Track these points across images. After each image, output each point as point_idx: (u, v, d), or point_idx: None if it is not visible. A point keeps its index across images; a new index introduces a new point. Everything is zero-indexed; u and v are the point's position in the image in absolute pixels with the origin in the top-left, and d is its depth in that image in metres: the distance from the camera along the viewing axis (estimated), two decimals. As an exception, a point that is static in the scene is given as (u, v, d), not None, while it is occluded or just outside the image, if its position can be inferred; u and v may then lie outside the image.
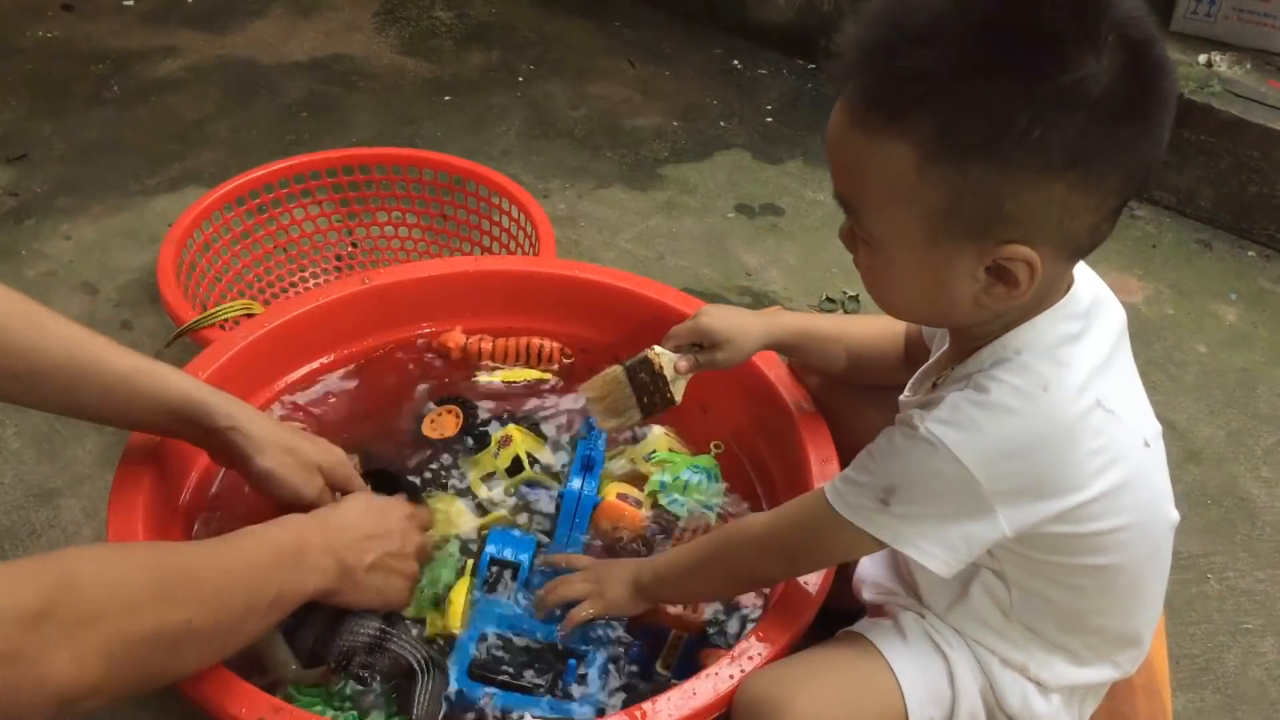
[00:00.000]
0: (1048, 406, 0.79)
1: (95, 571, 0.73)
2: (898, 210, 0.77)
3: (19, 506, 1.40)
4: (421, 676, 0.93)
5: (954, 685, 0.91)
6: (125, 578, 0.74)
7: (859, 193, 0.79)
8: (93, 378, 0.93)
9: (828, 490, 0.86)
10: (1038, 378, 0.79)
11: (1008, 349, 0.82)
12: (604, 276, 1.34)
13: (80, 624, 0.69)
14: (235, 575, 0.83)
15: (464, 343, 1.32)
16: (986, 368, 0.81)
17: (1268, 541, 1.50)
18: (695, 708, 0.87)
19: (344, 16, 2.67)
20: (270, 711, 0.84)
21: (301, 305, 1.26)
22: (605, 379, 1.11)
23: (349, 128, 2.26)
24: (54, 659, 0.68)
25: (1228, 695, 1.31)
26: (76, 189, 2.01)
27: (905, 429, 0.81)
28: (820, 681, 0.88)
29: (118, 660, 0.72)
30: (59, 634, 0.68)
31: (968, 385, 0.81)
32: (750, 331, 1.11)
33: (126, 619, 0.72)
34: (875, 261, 0.81)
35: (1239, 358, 1.82)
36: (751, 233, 2.02)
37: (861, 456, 0.86)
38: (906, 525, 0.82)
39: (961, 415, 0.79)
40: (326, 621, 0.94)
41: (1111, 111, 0.71)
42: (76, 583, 0.70)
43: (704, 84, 2.49)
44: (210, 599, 0.79)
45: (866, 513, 0.83)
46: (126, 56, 2.44)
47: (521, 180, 1.87)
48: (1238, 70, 2.19)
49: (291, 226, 1.70)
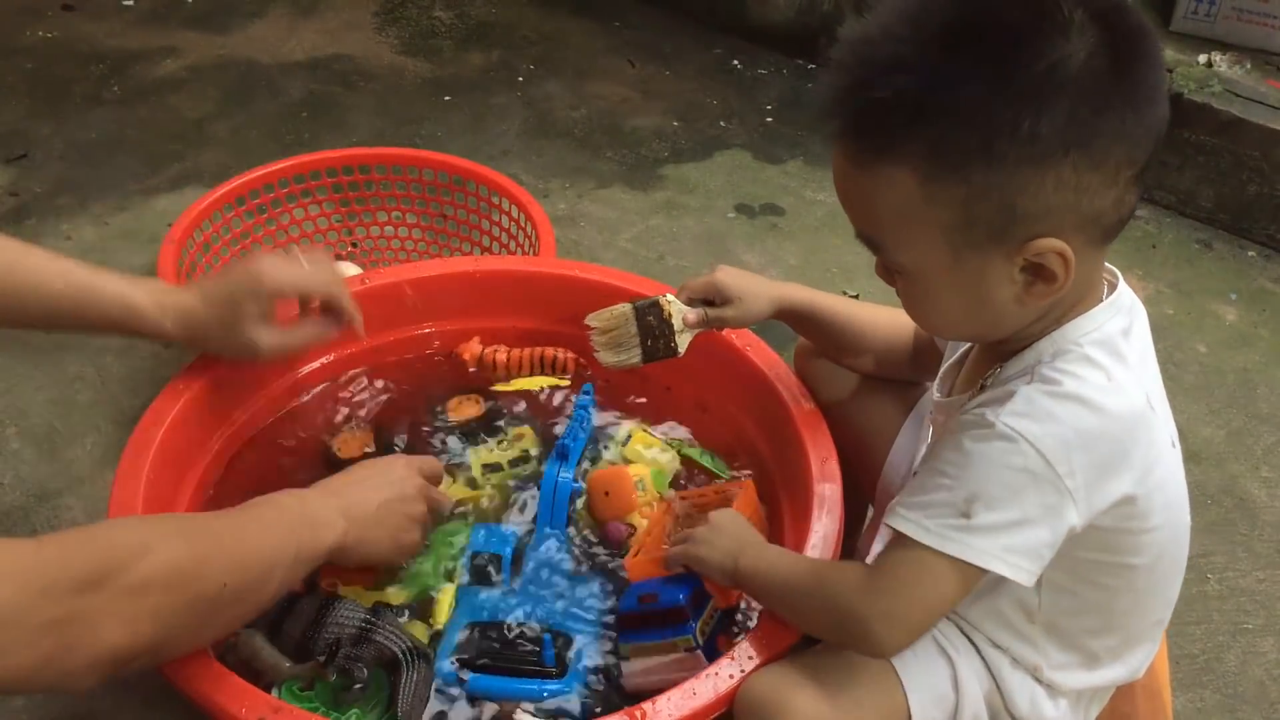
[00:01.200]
0: (1114, 399, 0.80)
1: (139, 542, 0.77)
2: (915, 235, 0.77)
3: (19, 506, 1.40)
4: (406, 668, 0.94)
5: (957, 688, 0.91)
6: (166, 546, 0.79)
7: (875, 228, 0.80)
8: (34, 299, 0.98)
9: (896, 522, 0.82)
10: (1101, 369, 0.80)
11: (1066, 340, 0.82)
12: (604, 276, 1.34)
13: (130, 591, 0.75)
14: (257, 538, 0.88)
15: (480, 353, 1.32)
16: (1047, 360, 0.81)
17: (1268, 541, 1.50)
18: (695, 708, 0.87)
19: (344, 16, 2.67)
20: (270, 711, 0.84)
21: (301, 305, 1.26)
22: (613, 313, 1.12)
23: (349, 128, 2.26)
24: (107, 623, 0.73)
25: (1228, 695, 1.31)
26: (76, 189, 2.01)
27: (975, 430, 0.80)
28: (823, 681, 0.88)
29: (164, 623, 0.77)
30: (109, 601, 0.73)
31: (1032, 379, 0.80)
32: (761, 295, 1.11)
33: (171, 586, 0.78)
34: (913, 290, 0.82)
35: (1239, 358, 1.82)
36: (751, 233, 2.02)
37: (925, 477, 0.83)
38: (990, 538, 0.79)
39: (1036, 407, 0.78)
40: (313, 612, 0.95)
41: (1096, 86, 0.71)
42: (122, 553, 0.75)
43: (704, 84, 2.49)
44: (239, 564, 0.85)
45: (950, 534, 0.79)
46: (126, 56, 2.44)
47: (521, 180, 1.87)
48: (1238, 70, 2.19)
49: (291, 226, 1.70)
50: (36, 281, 0.97)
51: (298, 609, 0.95)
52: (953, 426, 0.83)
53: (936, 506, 0.80)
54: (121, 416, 1.51)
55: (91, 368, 1.59)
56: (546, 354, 1.32)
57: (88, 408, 1.53)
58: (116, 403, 1.53)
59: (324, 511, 0.95)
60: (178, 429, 1.09)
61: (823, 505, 1.04)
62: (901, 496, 0.84)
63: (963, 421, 0.82)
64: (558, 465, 1.16)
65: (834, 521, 1.02)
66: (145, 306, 1.01)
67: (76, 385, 1.57)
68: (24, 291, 0.97)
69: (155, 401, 1.09)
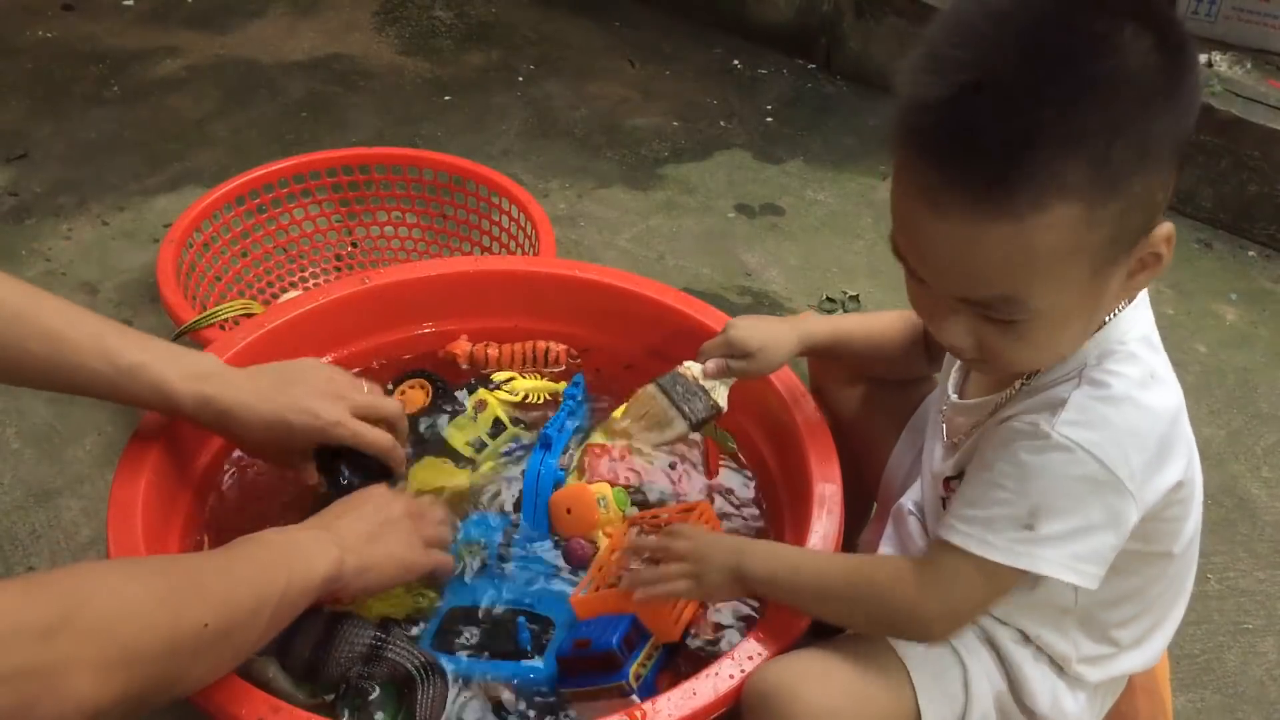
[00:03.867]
0: (1160, 393, 0.81)
1: (105, 583, 0.72)
2: (1065, 272, 0.72)
3: (19, 506, 1.40)
4: (422, 684, 0.93)
5: (967, 688, 0.91)
6: (135, 586, 0.73)
7: (1018, 282, 0.72)
8: (72, 377, 0.93)
9: (957, 538, 0.81)
10: (1146, 365, 0.81)
11: (1110, 340, 0.81)
12: (604, 276, 1.34)
13: (95, 636, 0.68)
14: (241, 574, 0.82)
15: (470, 350, 1.32)
16: (1093, 362, 0.81)
17: (1268, 541, 1.50)
18: (695, 708, 0.87)
19: (344, 16, 2.67)
20: (270, 711, 0.84)
21: (301, 305, 1.26)
22: (638, 399, 1.10)
23: (349, 128, 2.26)
24: (72, 673, 0.67)
25: (1228, 695, 1.31)
26: (76, 189, 2.01)
27: (1030, 441, 0.79)
28: (833, 674, 0.87)
29: (137, 670, 0.71)
30: (74, 647, 0.67)
31: (1080, 382, 0.80)
32: (782, 341, 1.09)
33: (142, 627, 0.71)
34: (1027, 333, 0.75)
35: (1239, 358, 1.82)
36: (751, 233, 2.02)
37: (979, 489, 0.82)
38: (1058, 548, 0.79)
39: (1091, 414, 0.78)
40: (321, 631, 0.94)
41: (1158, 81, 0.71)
42: (87, 595, 0.69)
43: (704, 84, 2.49)
44: (221, 601, 0.79)
45: (1017, 548, 0.79)
46: (126, 56, 2.44)
47: (521, 180, 1.87)
48: (1238, 70, 2.19)
49: (291, 226, 1.70)
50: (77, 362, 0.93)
51: (305, 627, 0.94)
52: (1004, 436, 0.82)
53: (999, 521, 0.80)
54: (121, 417, 1.51)
55: (91, 368, 1.59)
56: (538, 347, 1.32)
57: (88, 408, 1.53)
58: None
59: (314, 544, 0.90)
60: (179, 428, 1.08)
61: (823, 505, 1.04)
62: (957, 509, 0.83)
63: (1014, 430, 0.81)
64: (541, 455, 1.16)
65: (834, 521, 1.02)
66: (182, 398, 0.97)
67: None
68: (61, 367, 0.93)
69: (155, 401, 1.09)
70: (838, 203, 2.11)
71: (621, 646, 0.97)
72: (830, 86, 2.49)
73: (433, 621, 1.04)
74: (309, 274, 1.73)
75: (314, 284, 1.71)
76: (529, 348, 1.32)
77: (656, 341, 1.31)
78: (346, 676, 0.93)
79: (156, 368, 0.95)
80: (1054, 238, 0.69)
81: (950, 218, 0.69)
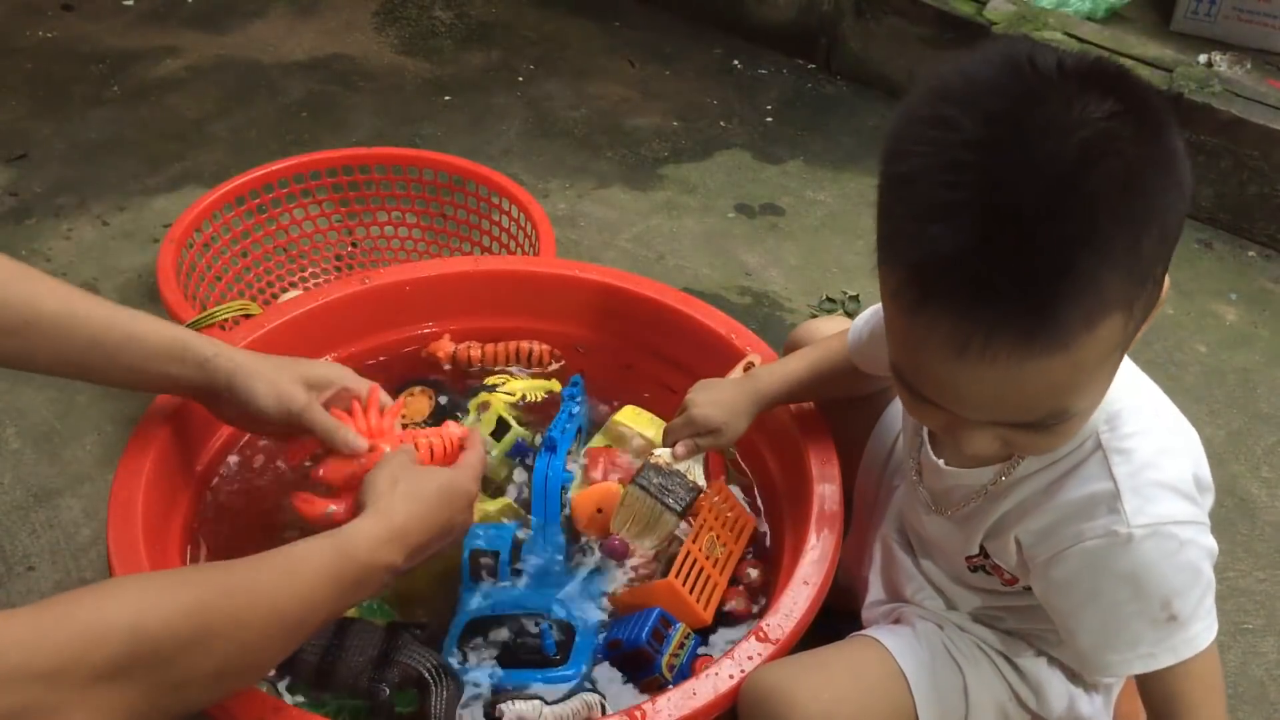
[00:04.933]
0: (1179, 425, 0.81)
1: (128, 621, 0.67)
2: (1104, 371, 0.71)
3: (19, 506, 1.40)
4: (435, 686, 0.93)
5: (967, 698, 0.91)
6: (161, 627, 0.68)
7: (1063, 401, 0.70)
8: (83, 326, 0.92)
9: (1125, 671, 0.80)
10: (1147, 405, 0.81)
11: (1109, 401, 0.78)
12: (604, 276, 1.34)
13: (103, 679, 0.65)
14: (286, 615, 0.76)
15: (453, 350, 1.32)
16: (1105, 428, 0.79)
17: (1268, 541, 1.50)
18: (695, 708, 0.87)
19: (344, 16, 2.67)
20: (270, 712, 0.84)
21: (301, 305, 1.26)
22: (623, 505, 1.09)
23: (349, 128, 2.26)
24: (74, 715, 0.64)
25: (1228, 695, 1.30)
26: (76, 189, 2.01)
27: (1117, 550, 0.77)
28: (831, 679, 0.87)
29: (140, 711, 0.68)
30: (76, 694, 0.64)
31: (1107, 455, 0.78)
32: (740, 408, 1.08)
33: (156, 670, 0.68)
34: (1062, 430, 0.73)
35: (1239, 358, 1.82)
36: (751, 233, 2.02)
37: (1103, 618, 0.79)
38: (1202, 618, 0.78)
39: (1146, 491, 0.77)
40: (330, 636, 0.93)
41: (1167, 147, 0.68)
42: (103, 635, 0.66)
43: (704, 84, 2.49)
44: (253, 642, 0.74)
45: (1176, 644, 0.78)
46: (126, 56, 2.44)
47: (521, 180, 1.86)
48: (1238, 70, 2.19)
49: (291, 226, 1.70)
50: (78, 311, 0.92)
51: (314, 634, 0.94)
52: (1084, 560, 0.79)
53: (1144, 633, 0.78)
54: (121, 416, 1.51)
55: (91, 368, 1.59)
56: (521, 348, 1.32)
57: (88, 408, 1.53)
58: (116, 403, 1.53)
59: (379, 574, 0.84)
60: (179, 428, 1.09)
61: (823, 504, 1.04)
62: (1095, 649, 0.80)
63: (1091, 551, 0.79)
64: (547, 457, 1.16)
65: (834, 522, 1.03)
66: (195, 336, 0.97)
67: (76, 385, 1.57)
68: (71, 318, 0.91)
69: (156, 400, 1.09)
70: (838, 203, 2.11)
71: (651, 641, 0.98)
72: (830, 86, 2.49)
73: (452, 633, 1.03)
74: (309, 274, 1.73)
75: (314, 284, 1.71)
76: (512, 348, 1.32)
77: (656, 341, 1.31)
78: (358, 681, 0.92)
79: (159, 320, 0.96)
80: (1101, 350, 0.67)
81: (996, 365, 0.65)
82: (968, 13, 2.25)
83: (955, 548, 0.93)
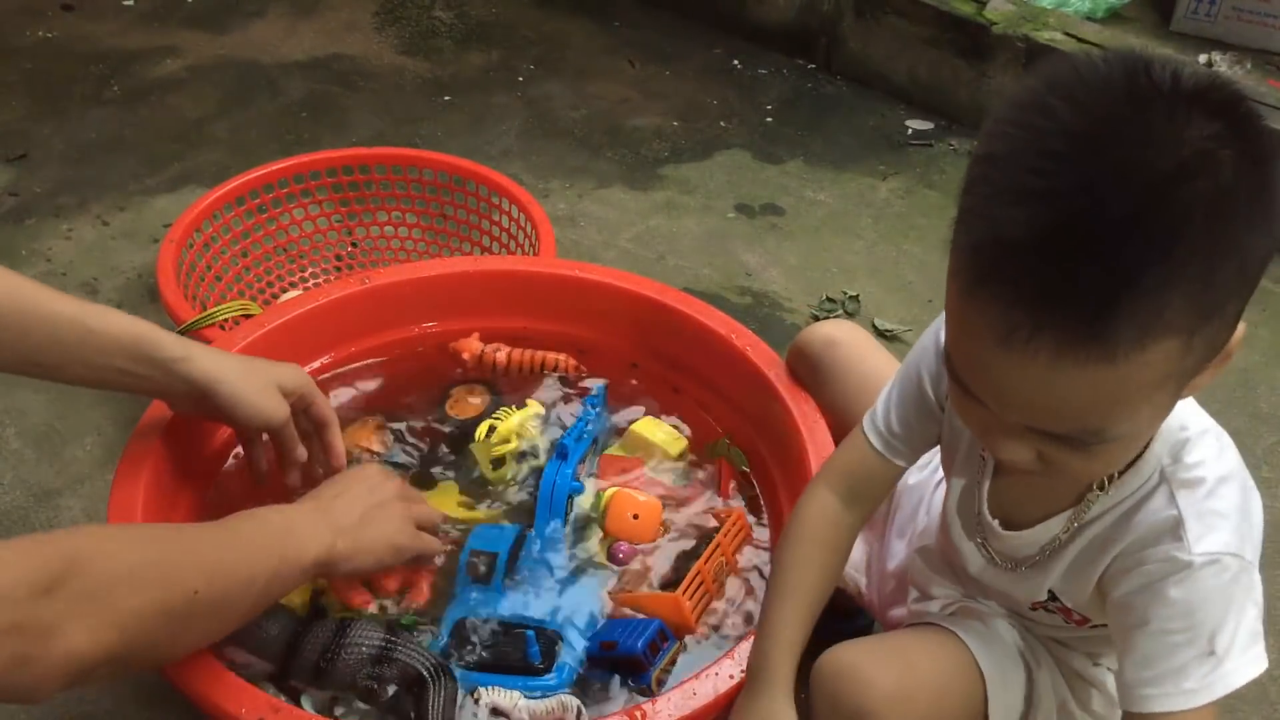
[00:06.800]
0: (1230, 452, 0.80)
1: (100, 547, 0.73)
2: (1152, 399, 0.68)
3: (19, 506, 1.40)
4: (433, 684, 0.93)
5: (1030, 698, 0.90)
6: (130, 550, 0.75)
7: (1100, 419, 0.67)
8: (43, 321, 0.91)
9: (1159, 705, 0.76)
10: (1210, 435, 0.80)
11: (1172, 431, 0.78)
12: (604, 276, 1.34)
13: (90, 597, 0.70)
14: (235, 548, 0.85)
15: (479, 351, 1.32)
16: (1169, 461, 0.78)
17: (1268, 542, 1.50)
18: (695, 708, 0.87)
19: (344, 16, 2.67)
20: (270, 711, 0.84)
21: (301, 305, 1.26)
22: None
23: (349, 128, 2.26)
24: (66, 630, 0.69)
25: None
26: (76, 189, 2.01)
27: (1176, 575, 0.75)
28: (910, 665, 0.86)
29: (130, 631, 0.73)
30: (68, 607, 0.69)
31: (1173, 488, 0.77)
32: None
33: (136, 590, 0.73)
34: (1100, 454, 0.71)
35: (1239, 358, 1.81)
36: (751, 233, 2.02)
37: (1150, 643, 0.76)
38: (1238, 655, 0.77)
39: (1211, 519, 0.76)
40: (330, 634, 0.94)
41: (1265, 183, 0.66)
42: (83, 556, 0.71)
43: (704, 84, 2.49)
44: (214, 571, 0.81)
45: (1209, 683, 0.76)
46: (126, 56, 2.44)
47: (521, 180, 1.86)
48: (1238, 70, 2.19)
49: (291, 226, 1.70)
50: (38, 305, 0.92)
51: (314, 632, 0.94)
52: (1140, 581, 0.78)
53: (1188, 665, 0.76)
54: (121, 416, 1.51)
55: (91, 368, 1.59)
56: (548, 359, 1.31)
57: (88, 408, 1.53)
58: (116, 403, 1.53)
59: (308, 525, 0.92)
60: (178, 428, 1.09)
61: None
62: (1135, 674, 0.77)
63: (1151, 574, 0.77)
64: (557, 465, 1.16)
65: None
66: (162, 335, 0.97)
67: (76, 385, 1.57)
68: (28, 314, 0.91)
69: (155, 401, 1.09)
70: (838, 203, 2.11)
71: (646, 652, 0.98)
72: (830, 86, 2.49)
73: (442, 633, 1.03)
74: (309, 274, 1.73)
75: (314, 284, 1.71)
76: (538, 358, 1.31)
77: (657, 341, 1.31)
78: (356, 679, 0.93)
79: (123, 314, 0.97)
80: (1149, 374, 0.64)
81: (1037, 362, 0.63)
82: (968, 13, 2.25)
83: (1019, 597, 0.91)
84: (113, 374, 0.96)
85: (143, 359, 0.95)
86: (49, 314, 0.92)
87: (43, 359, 0.93)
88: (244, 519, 0.90)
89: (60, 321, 0.92)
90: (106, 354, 0.94)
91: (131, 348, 0.95)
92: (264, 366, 1.04)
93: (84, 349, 0.93)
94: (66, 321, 0.92)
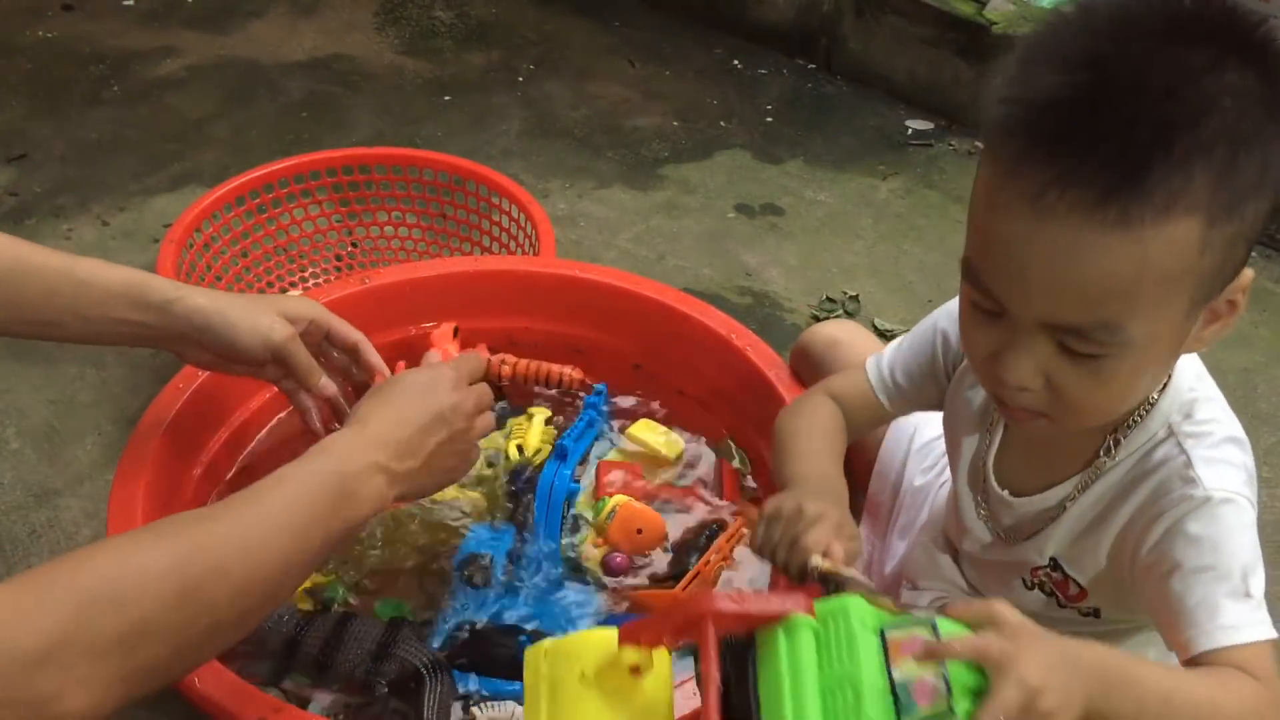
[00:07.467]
0: (1235, 420, 0.80)
1: (111, 592, 0.64)
2: (1168, 298, 0.66)
3: (19, 506, 1.40)
4: (430, 681, 0.93)
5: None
6: (144, 593, 0.65)
7: (1118, 306, 0.66)
8: (35, 276, 0.89)
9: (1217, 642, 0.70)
10: (1218, 399, 0.80)
11: (1180, 392, 0.78)
12: (604, 276, 1.34)
13: (94, 657, 0.62)
14: (270, 548, 0.72)
15: (486, 360, 1.31)
16: (1179, 419, 0.78)
17: (1268, 542, 1.50)
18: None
19: (344, 16, 2.67)
20: (270, 712, 0.84)
21: (301, 305, 1.26)
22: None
23: (349, 128, 2.26)
24: (66, 697, 0.61)
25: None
26: (76, 189, 2.01)
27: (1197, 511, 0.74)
28: None
29: (135, 681, 0.65)
30: (69, 674, 0.61)
31: (1178, 440, 0.77)
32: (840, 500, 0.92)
33: (147, 641, 0.65)
34: (1106, 372, 0.69)
35: (1239, 357, 1.82)
36: (751, 233, 2.02)
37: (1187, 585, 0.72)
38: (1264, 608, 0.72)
39: (1221, 465, 0.76)
40: (330, 629, 0.94)
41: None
42: (87, 611, 0.63)
43: (704, 84, 2.49)
44: (241, 589, 0.70)
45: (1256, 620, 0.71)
46: (126, 56, 2.44)
47: (521, 180, 1.86)
48: (1238, 70, 2.19)
49: (291, 226, 1.70)
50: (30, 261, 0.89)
51: (315, 626, 0.94)
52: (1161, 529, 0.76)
53: (1221, 602, 0.71)
54: (121, 416, 1.51)
55: (91, 368, 1.59)
56: (553, 372, 1.28)
57: (88, 408, 1.53)
58: (116, 403, 1.53)
59: (360, 479, 0.78)
60: (178, 428, 1.09)
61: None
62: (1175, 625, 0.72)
63: (1169, 518, 0.76)
64: (556, 466, 1.16)
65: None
66: (154, 279, 0.94)
67: (76, 385, 1.57)
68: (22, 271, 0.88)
69: (155, 401, 1.09)
70: (838, 203, 2.11)
71: None
72: (830, 86, 2.49)
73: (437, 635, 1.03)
74: (309, 274, 1.73)
75: (314, 284, 1.71)
76: (544, 370, 1.28)
77: (657, 341, 1.31)
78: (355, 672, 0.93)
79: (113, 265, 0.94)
80: (1168, 257, 0.64)
81: (1059, 221, 0.63)
82: (968, 13, 2.25)
83: (1023, 561, 0.89)
84: (110, 325, 0.93)
85: (138, 304, 0.92)
86: (40, 267, 0.89)
87: (39, 316, 0.90)
88: (286, 492, 0.75)
89: (52, 275, 0.90)
90: (102, 305, 0.91)
91: (125, 295, 0.92)
92: (267, 297, 1.01)
93: (79, 301, 0.90)
94: (58, 274, 0.90)
